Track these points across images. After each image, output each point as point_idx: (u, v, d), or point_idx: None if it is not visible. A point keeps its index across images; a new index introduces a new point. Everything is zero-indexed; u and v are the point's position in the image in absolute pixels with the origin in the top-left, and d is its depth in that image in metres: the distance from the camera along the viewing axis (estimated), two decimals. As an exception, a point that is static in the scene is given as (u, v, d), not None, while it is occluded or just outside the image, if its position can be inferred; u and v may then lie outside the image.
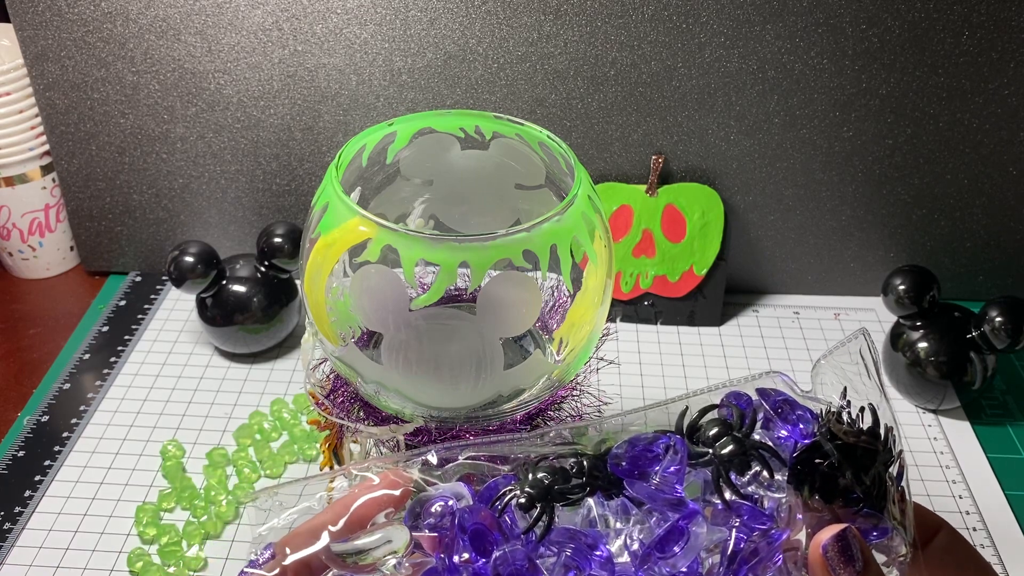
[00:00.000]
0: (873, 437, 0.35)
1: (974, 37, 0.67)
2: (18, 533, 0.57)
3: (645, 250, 0.73)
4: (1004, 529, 0.59)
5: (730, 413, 0.37)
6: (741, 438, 0.35)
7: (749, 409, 0.37)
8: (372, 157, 0.54)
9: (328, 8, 0.68)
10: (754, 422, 0.36)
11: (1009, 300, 0.63)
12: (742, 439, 0.35)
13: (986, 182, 0.73)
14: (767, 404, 0.37)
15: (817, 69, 0.68)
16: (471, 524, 0.34)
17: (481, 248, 0.44)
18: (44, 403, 0.67)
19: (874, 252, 0.76)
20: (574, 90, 0.71)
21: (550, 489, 0.34)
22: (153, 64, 0.71)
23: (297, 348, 0.73)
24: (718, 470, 0.35)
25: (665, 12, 0.67)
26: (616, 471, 0.35)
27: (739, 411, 0.36)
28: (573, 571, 0.34)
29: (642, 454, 0.36)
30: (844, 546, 0.32)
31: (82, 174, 0.76)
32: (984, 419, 0.67)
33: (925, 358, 0.66)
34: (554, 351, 0.54)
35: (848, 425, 0.35)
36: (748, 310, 0.78)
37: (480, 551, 0.33)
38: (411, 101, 0.72)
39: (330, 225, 0.46)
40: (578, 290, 0.50)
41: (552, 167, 0.54)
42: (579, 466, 0.35)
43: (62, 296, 0.79)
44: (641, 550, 0.34)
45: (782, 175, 0.73)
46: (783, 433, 0.37)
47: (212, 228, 0.78)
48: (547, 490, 0.34)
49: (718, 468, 0.35)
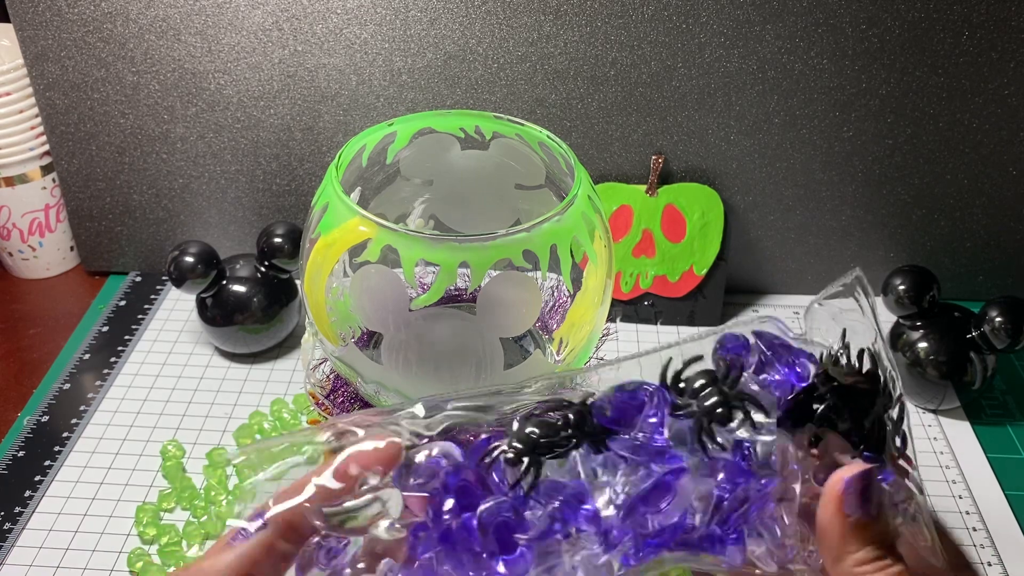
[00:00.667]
0: (872, 380, 0.34)
1: (974, 37, 0.67)
2: (18, 533, 0.57)
3: (645, 250, 0.73)
4: (1004, 529, 0.59)
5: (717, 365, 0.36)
6: (725, 390, 0.35)
7: (745, 353, 0.36)
8: (372, 157, 0.54)
9: (328, 8, 0.68)
10: (741, 371, 0.35)
11: (1009, 300, 0.63)
12: (725, 391, 0.35)
13: (986, 182, 0.73)
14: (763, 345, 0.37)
15: (817, 69, 0.68)
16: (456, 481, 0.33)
17: (481, 248, 0.44)
18: (44, 403, 0.67)
19: (874, 252, 0.76)
20: (574, 90, 0.71)
21: (537, 443, 0.34)
22: (153, 64, 0.71)
23: (297, 348, 0.73)
24: (699, 422, 0.34)
25: (665, 12, 0.67)
26: (602, 421, 0.35)
27: (725, 361, 0.36)
28: (559, 523, 0.33)
29: (627, 403, 0.35)
30: (866, 486, 0.32)
31: (82, 174, 0.76)
32: (984, 419, 0.67)
33: (925, 358, 0.66)
34: (554, 351, 0.54)
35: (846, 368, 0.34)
36: (748, 310, 0.78)
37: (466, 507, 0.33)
38: (411, 101, 0.72)
39: (330, 225, 0.47)
40: (578, 290, 0.50)
41: (552, 167, 0.54)
42: (565, 419, 0.35)
43: (62, 296, 0.79)
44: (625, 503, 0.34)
45: (782, 175, 0.73)
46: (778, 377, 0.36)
47: (212, 228, 0.78)
48: (534, 444, 0.34)
49: (699, 420, 0.34)
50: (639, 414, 0.35)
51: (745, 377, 0.36)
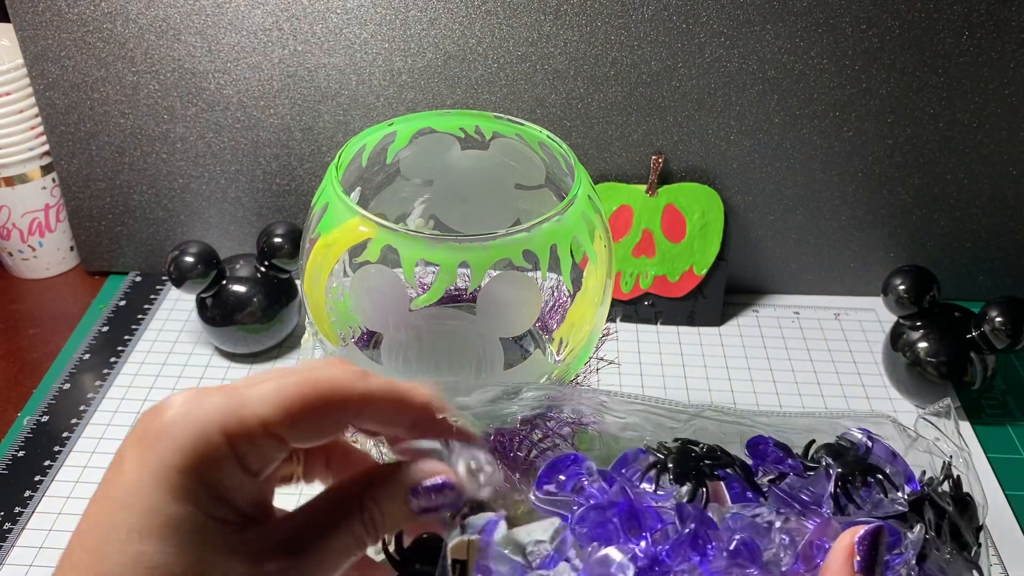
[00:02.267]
0: (963, 508, 0.36)
1: (974, 37, 0.67)
2: (18, 533, 0.57)
3: (645, 250, 0.73)
4: (1004, 529, 0.59)
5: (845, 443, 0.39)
6: (863, 457, 0.37)
7: (863, 448, 0.38)
8: (372, 157, 0.54)
9: (328, 8, 0.68)
10: (868, 451, 0.38)
11: (1009, 300, 0.63)
12: (863, 458, 0.37)
13: (986, 182, 0.73)
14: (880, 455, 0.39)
15: (817, 69, 0.68)
16: (619, 505, 0.33)
17: (481, 248, 0.44)
18: (44, 403, 0.67)
19: (874, 252, 0.76)
20: (574, 90, 0.71)
21: (698, 464, 0.34)
22: (153, 64, 0.71)
23: (297, 348, 0.73)
24: (841, 481, 0.36)
25: (665, 12, 0.67)
26: (755, 457, 0.36)
27: (853, 442, 0.38)
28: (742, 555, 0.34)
29: (774, 451, 0.37)
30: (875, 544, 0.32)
31: (82, 174, 0.76)
32: (984, 419, 0.67)
33: (925, 358, 0.66)
34: (554, 351, 0.54)
35: (944, 494, 0.37)
36: (748, 310, 0.78)
37: (633, 532, 0.33)
38: (411, 101, 0.72)
39: (330, 225, 0.46)
40: (578, 290, 0.50)
41: (552, 167, 0.54)
42: (710, 448, 0.36)
43: (62, 296, 0.79)
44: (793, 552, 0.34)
45: (782, 175, 0.73)
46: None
47: (212, 228, 0.78)
48: (695, 464, 0.34)
49: (841, 479, 0.36)
50: (782, 463, 0.36)
51: (875, 458, 0.38)
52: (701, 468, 0.35)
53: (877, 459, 0.38)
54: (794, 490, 0.36)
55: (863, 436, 0.38)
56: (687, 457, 0.35)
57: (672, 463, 0.35)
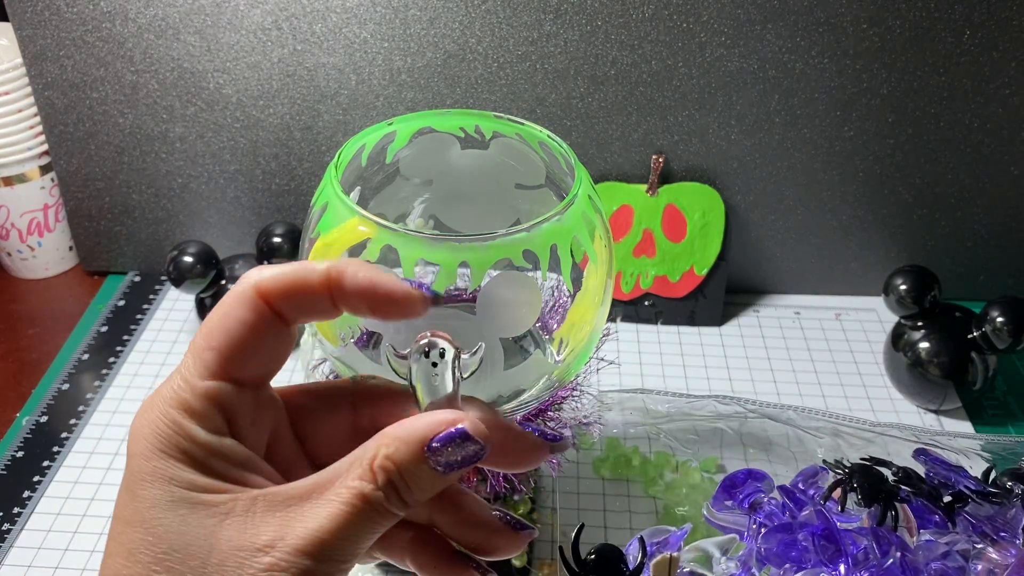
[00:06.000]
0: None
1: (975, 37, 0.67)
2: (17, 534, 0.57)
3: (645, 250, 0.73)
4: (1005, 530, 0.59)
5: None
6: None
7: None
8: (371, 157, 0.54)
9: (328, 8, 0.68)
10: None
11: (1010, 300, 0.63)
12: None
13: (987, 182, 0.73)
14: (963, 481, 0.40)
15: (818, 69, 0.68)
16: (813, 527, 0.33)
17: (481, 248, 0.44)
18: (43, 403, 0.67)
19: (875, 252, 0.76)
20: (574, 90, 0.70)
21: (882, 486, 0.34)
22: (152, 64, 0.71)
23: (297, 348, 0.73)
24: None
25: (665, 12, 0.67)
26: (931, 481, 0.37)
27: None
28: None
29: (948, 474, 0.38)
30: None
31: (81, 174, 0.76)
32: (985, 419, 0.67)
33: (926, 358, 0.65)
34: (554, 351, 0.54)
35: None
36: (749, 310, 0.78)
37: (830, 556, 0.33)
38: (411, 101, 0.72)
39: (329, 225, 0.46)
40: (578, 290, 0.50)
41: (552, 167, 0.54)
42: (900, 470, 0.36)
43: (61, 296, 0.79)
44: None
45: (783, 175, 0.73)
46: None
47: (211, 228, 0.78)
48: (882, 485, 0.34)
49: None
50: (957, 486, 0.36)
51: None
52: (890, 489, 0.34)
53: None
54: (979, 518, 0.35)
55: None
56: (872, 477, 0.34)
57: (857, 483, 0.34)
